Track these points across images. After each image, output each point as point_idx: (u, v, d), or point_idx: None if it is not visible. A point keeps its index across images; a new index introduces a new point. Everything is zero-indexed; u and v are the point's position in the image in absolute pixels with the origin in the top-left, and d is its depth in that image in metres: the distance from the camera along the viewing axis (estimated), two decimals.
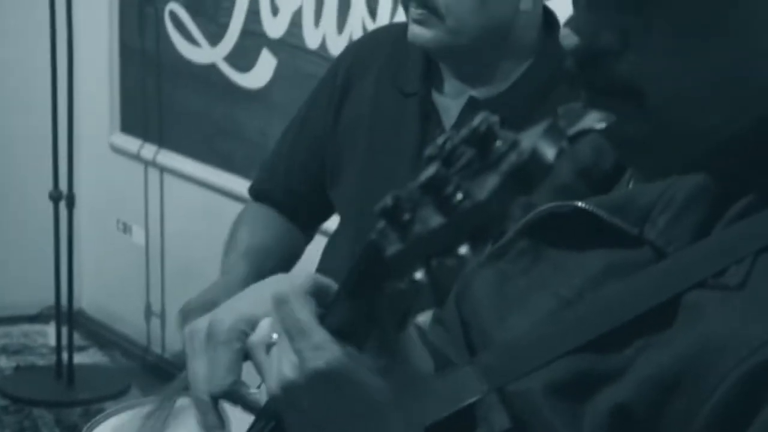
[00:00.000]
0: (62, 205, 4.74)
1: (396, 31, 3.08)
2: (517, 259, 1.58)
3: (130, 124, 5.06)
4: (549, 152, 1.14)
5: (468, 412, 1.48)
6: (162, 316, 5.10)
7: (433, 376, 1.52)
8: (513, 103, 2.76)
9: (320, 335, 1.36)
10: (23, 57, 5.10)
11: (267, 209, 3.13)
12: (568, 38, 1.41)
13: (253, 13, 4.47)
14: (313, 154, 3.12)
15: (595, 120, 1.36)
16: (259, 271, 2.86)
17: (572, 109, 1.36)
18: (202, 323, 1.55)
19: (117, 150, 5.09)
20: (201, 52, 4.72)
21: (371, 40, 3.25)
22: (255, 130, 4.55)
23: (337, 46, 4.16)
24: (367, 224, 2.41)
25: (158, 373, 4.90)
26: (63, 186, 4.74)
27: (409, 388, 1.44)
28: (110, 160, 5.17)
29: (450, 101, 2.89)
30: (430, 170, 1.23)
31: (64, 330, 4.84)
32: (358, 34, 4.13)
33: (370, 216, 2.34)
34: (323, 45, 4.27)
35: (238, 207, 3.78)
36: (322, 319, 1.38)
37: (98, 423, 2.60)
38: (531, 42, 2.80)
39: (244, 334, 1.52)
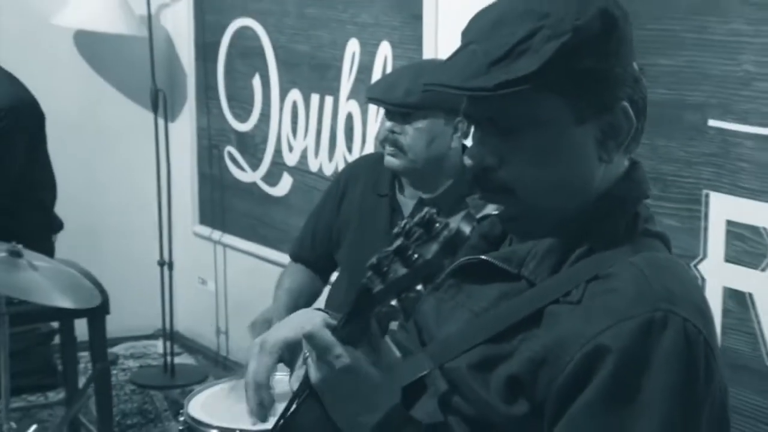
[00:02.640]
0: (165, 268, 5.29)
1: (373, 157, 3.44)
2: (448, 290, 1.73)
3: (205, 219, 5.53)
4: (467, 229, 1.42)
5: (421, 381, 1.65)
6: (226, 333, 5.51)
7: (400, 360, 1.68)
8: (445, 201, 3.03)
9: (338, 349, 1.55)
10: (138, 179, 5.51)
11: (300, 266, 3.45)
12: (467, 160, 1.63)
13: (278, 152, 4.92)
14: (326, 232, 3.40)
15: (492, 208, 1.60)
16: (296, 303, 3.27)
17: (478, 202, 1.59)
18: (258, 340, 1.79)
19: (197, 234, 5.54)
20: (246, 175, 5.17)
21: (358, 163, 3.53)
22: (280, 221, 4.97)
23: (329, 169, 4.63)
24: (358, 275, 2.68)
25: (224, 367, 5.39)
26: (165, 257, 5.31)
27: (388, 369, 1.63)
28: (194, 241, 5.55)
29: (407, 200, 3.18)
30: (397, 242, 1.47)
31: (168, 343, 5.36)
32: (341, 161, 4.53)
33: (359, 270, 2.68)
34: (320, 169, 4.69)
35: (271, 267, 4.88)
36: (334, 332, 1.56)
37: (195, 394, 2.95)
38: (456, 165, 3.07)
39: (280, 350, 1.78)
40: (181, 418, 2.86)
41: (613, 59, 1.58)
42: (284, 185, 4.99)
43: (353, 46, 4.47)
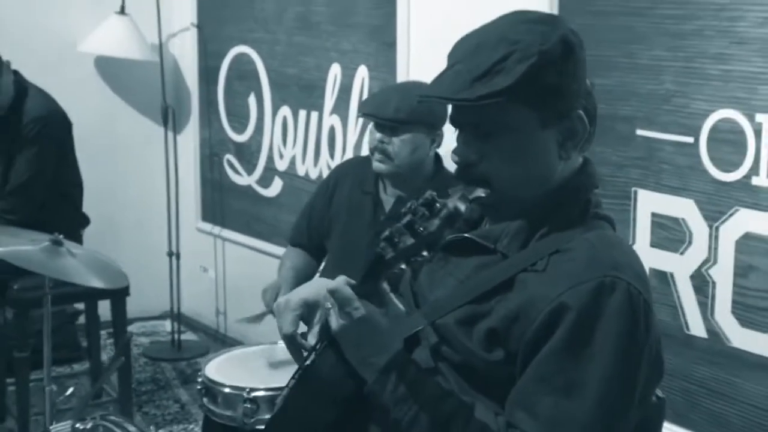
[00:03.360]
0: (173, 258, 5.31)
1: (359, 160, 3.53)
2: (438, 262, 1.79)
3: (207, 216, 5.51)
4: (462, 207, 1.50)
5: (416, 335, 1.72)
6: (224, 314, 5.49)
7: (404, 313, 1.74)
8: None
9: (356, 302, 1.62)
10: (151, 183, 5.50)
11: (298, 249, 3.49)
12: (453, 158, 1.70)
13: (270, 158, 4.93)
14: (318, 220, 3.43)
15: (481, 191, 1.62)
16: (298, 277, 3.28)
17: (467, 188, 1.60)
18: (283, 299, 1.82)
19: (200, 230, 5.53)
20: (243, 179, 5.17)
21: (347, 164, 3.57)
22: (272, 218, 5.00)
23: (314, 173, 4.65)
24: (347, 259, 3.05)
25: (223, 343, 5.32)
26: (174, 248, 5.32)
27: (394, 320, 1.70)
28: (197, 235, 5.53)
29: (388, 197, 3.23)
30: (406, 218, 1.51)
31: (175, 323, 5.36)
32: (324, 166, 4.56)
33: (347, 254, 3.04)
34: (307, 173, 4.71)
35: (264, 257, 4.96)
36: (353, 289, 1.62)
37: (209, 360, 2.98)
38: (430, 170, 3.21)
39: (301, 307, 1.79)
40: (200, 380, 2.92)
41: (570, 77, 1.69)
42: (276, 187, 5.01)
43: (335, 70, 4.52)
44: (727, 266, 2.90)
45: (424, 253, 1.59)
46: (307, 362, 1.73)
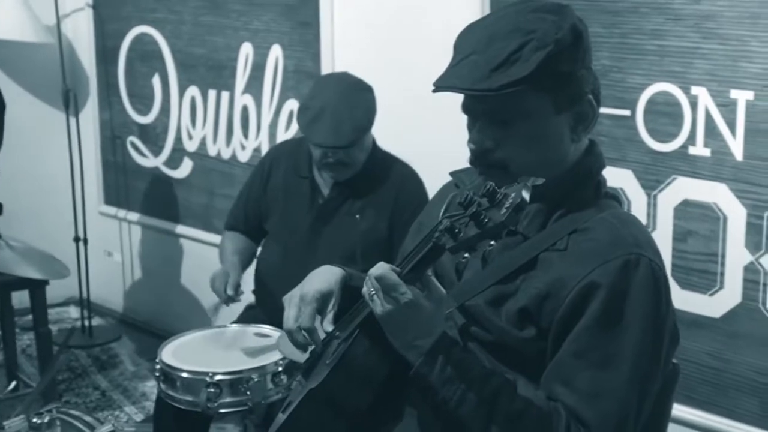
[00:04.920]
0: (80, 244, 5.25)
1: (291, 143, 3.57)
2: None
3: (110, 200, 5.49)
4: (527, 196, 1.47)
5: (447, 315, 1.76)
6: (133, 298, 5.50)
7: (446, 296, 1.74)
8: (355, 181, 3.24)
9: (403, 287, 1.64)
10: (51, 167, 5.46)
11: (236, 233, 3.55)
12: (470, 145, 1.75)
13: (178, 140, 4.92)
14: (255, 205, 3.48)
15: (539, 180, 1.53)
16: (241, 260, 3.36)
17: (523, 178, 1.51)
18: (296, 291, 1.89)
19: (103, 213, 5.50)
20: (148, 161, 5.15)
21: (279, 149, 3.59)
22: (181, 199, 5.00)
23: (228, 154, 4.65)
24: (288, 239, 3.13)
25: (134, 327, 5.37)
26: (80, 233, 5.24)
27: (437, 303, 1.70)
28: (101, 219, 5.51)
29: (324, 182, 3.32)
30: (471, 209, 1.49)
31: (85, 309, 5.29)
32: (238, 148, 4.59)
33: (287, 235, 3.11)
34: (219, 153, 4.72)
35: (172, 239, 5.03)
36: (398, 275, 1.64)
37: (165, 345, 2.92)
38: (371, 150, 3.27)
39: (317, 300, 1.86)
40: (158, 366, 2.89)
41: (580, 63, 1.77)
42: (185, 168, 5.00)
43: (246, 49, 4.53)
44: (666, 232, 3.04)
45: (492, 243, 1.67)
46: (341, 348, 1.77)
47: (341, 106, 3.12)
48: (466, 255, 1.76)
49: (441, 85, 1.76)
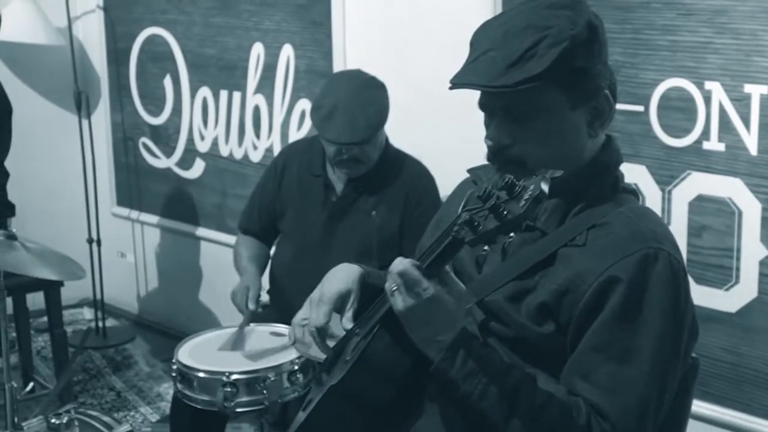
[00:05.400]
0: (93, 245, 5.25)
1: (303, 143, 3.55)
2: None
3: (123, 201, 5.47)
4: (546, 188, 1.47)
5: (467, 311, 1.75)
6: (146, 299, 5.46)
7: (465, 291, 1.77)
8: (368, 177, 3.24)
9: (425, 283, 1.64)
10: (63, 169, 5.45)
11: (249, 237, 3.53)
12: (487, 141, 1.76)
13: (190, 140, 4.92)
14: (269, 205, 3.46)
15: (557, 173, 1.53)
16: (259, 268, 3.36)
17: (542, 171, 1.52)
18: (317, 294, 1.89)
19: (115, 215, 5.48)
20: (160, 162, 5.14)
21: (292, 148, 3.58)
22: (194, 200, 4.99)
23: (240, 154, 4.65)
24: (302, 239, 3.14)
25: (147, 328, 5.36)
26: (93, 235, 5.23)
27: (457, 298, 1.72)
28: (114, 220, 5.49)
29: (338, 179, 3.33)
30: (491, 202, 1.49)
31: (99, 311, 5.28)
32: (251, 148, 4.58)
33: (302, 235, 3.12)
34: (231, 154, 4.71)
35: (186, 240, 5.02)
36: (419, 269, 1.64)
37: (181, 345, 2.93)
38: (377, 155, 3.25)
39: (335, 301, 1.86)
40: (174, 366, 2.90)
41: (596, 58, 1.77)
42: (197, 169, 4.99)
43: (258, 49, 4.53)
44: (681, 227, 3.04)
45: (511, 235, 1.67)
46: (361, 345, 1.77)
47: (355, 103, 3.12)
48: (486, 248, 1.77)
49: (458, 82, 1.77)
